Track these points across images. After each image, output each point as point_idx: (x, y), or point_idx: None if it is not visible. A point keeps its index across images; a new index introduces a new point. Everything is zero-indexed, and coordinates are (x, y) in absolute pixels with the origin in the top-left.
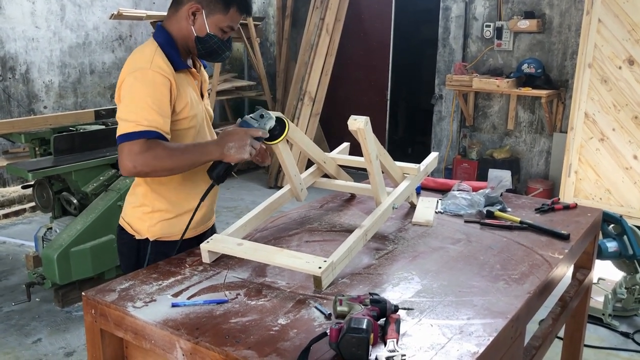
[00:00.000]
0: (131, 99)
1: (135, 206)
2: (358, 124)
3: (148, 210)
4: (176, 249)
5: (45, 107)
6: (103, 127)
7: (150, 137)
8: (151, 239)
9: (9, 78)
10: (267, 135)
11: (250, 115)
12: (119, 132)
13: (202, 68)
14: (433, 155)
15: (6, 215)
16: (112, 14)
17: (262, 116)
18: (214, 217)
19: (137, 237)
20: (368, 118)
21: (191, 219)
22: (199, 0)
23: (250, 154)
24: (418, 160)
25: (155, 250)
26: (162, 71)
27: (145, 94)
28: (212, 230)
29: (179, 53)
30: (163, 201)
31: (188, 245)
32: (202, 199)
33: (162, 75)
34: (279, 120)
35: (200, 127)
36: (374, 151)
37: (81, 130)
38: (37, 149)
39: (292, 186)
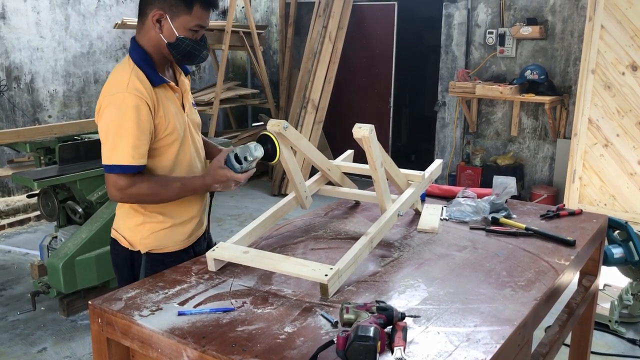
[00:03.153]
0: (115, 130)
1: (127, 217)
2: (363, 131)
3: (139, 222)
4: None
5: (49, 117)
6: None
7: (135, 171)
8: (143, 252)
9: (14, 88)
10: (246, 180)
11: (236, 152)
12: (104, 160)
13: (183, 76)
14: (437, 163)
15: (11, 225)
16: (116, 24)
17: (245, 159)
18: (205, 223)
19: (131, 249)
20: (373, 126)
21: None
22: (160, 7)
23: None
24: (422, 167)
25: (149, 262)
26: (139, 93)
27: (127, 124)
28: (204, 237)
29: (155, 67)
30: (155, 212)
31: (184, 254)
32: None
33: (139, 98)
34: (269, 139)
35: (183, 140)
36: (378, 158)
37: (86, 140)
38: (42, 158)
39: (296, 194)
